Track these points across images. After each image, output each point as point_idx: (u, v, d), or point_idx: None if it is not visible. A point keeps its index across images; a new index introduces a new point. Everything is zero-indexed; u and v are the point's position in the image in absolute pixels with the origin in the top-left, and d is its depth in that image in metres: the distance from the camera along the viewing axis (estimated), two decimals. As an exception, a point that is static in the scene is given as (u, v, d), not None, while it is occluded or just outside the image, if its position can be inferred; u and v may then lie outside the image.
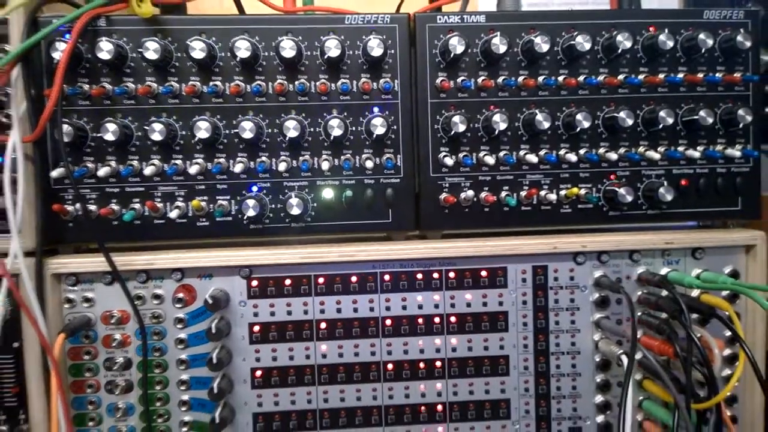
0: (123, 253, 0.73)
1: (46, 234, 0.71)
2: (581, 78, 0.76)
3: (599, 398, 0.79)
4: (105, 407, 0.75)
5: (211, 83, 0.73)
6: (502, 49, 0.73)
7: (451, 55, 0.73)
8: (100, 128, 0.71)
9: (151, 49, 0.70)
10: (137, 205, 0.73)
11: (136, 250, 0.74)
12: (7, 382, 0.74)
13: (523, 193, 0.77)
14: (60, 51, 0.68)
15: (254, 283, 0.75)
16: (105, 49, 0.69)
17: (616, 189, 0.76)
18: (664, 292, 0.74)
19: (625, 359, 0.71)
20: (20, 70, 0.69)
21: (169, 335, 0.75)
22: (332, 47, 0.71)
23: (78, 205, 0.71)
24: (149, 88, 0.71)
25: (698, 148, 0.78)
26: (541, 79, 0.76)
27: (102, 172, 0.71)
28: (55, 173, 0.70)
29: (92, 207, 0.72)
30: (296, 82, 0.73)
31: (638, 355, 0.75)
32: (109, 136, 0.70)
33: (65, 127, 0.70)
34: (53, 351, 0.66)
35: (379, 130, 0.72)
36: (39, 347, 0.72)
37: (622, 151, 0.78)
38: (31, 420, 0.73)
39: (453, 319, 0.77)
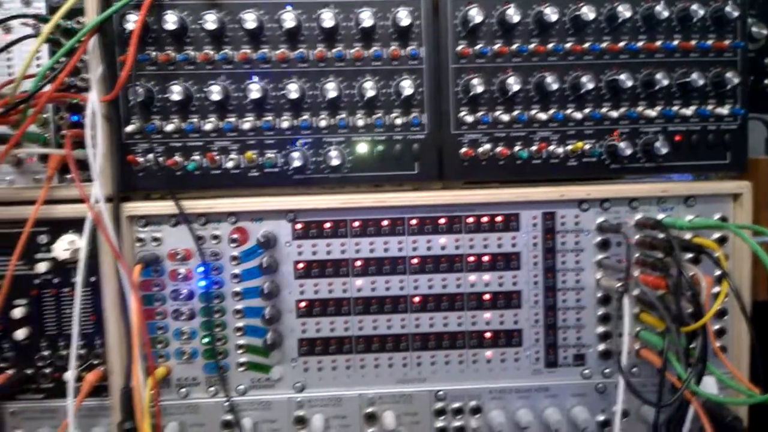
0: (185, 199, 0.84)
1: (120, 182, 0.82)
2: (586, 44, 0.86)
3: (600, 329, 0.89)
4: (172, 332, 0.86)
5: (260, 50, 0.83)
6: (516, 18, 0.83)
7: (471, 25, 0.83)
8: (166, 90, 0.82)
9: (210, 21, 0.80)
10: (197, 158, 0.84)
11: (195, 198, 0.85)
12: (85, 312, 0.86)
13: (534, 148, 0.87)
14: (131, 22, 0.79)
15: (298, 225, 0.86)
16: (170, 21, 0.80)
17: (617, 144, 0.86)
18: (660, 235, 0.84)
19: (623, 292, 0.81)
20: (96, 39, 0.80)
21: (226, 271, 0.86)
22: (366, 18, 0.81)
23: (150, 156, 0.82)
24: (208, 55, 0.82)
25: (691, 107, 0.88)
26: (550, 45, 0.86)
27: (169, 127, 0.82)
28: (129, 128, 0.82)
29: (159, 159, 0.83)
30: (334, 50, 0.84)
31: (635, 291, 0.85)
32: (175, 97, 0.81)
33: (137, 88, 0.81)
34: (133, 277, 0.78)
35: (408, 91, 0.82)
36: (114, 281, 0.84)
37: (622, 110, 0.87)
38: (106, 344, 0.85)
39: (471, 258, 0.88)
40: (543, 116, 0.85)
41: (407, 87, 0.83)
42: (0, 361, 0.86)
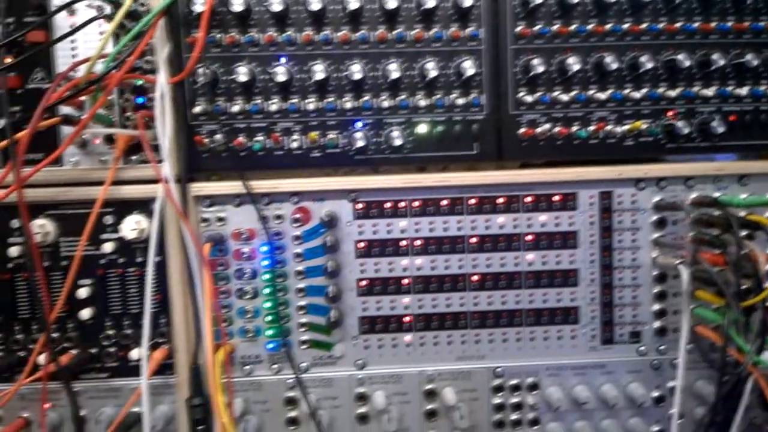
0: (248, 180, 0.85)
1: (187, 163, 0.83)
2: (644, 25, 0.87)
3: (656, 306, 0.91)
4: (235, 311, 0.88)
5: (323, 32, 0.84)
6: (575, -1, 0.84)
7: (530, 5, 0.84)
8: (231, 72, 0.83)
9: (275, 2, 0.81)
10: (260, 138, 0.85)
11: (258, 178, 0.86)
12: (151, 291, 0.87)
13: (591, 128, 0.88)
14: (199, 4, 0.80)
15: (359, 205, 0.87)
16: (236, 3, 0.81)
17: (674, 123, 0.87)
18: (717, 213, 0.85)
19: (682, 268, 0.82)
20: (164, 22, 0.81)
21: (288, 250, 0.87)
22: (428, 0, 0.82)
23: (218, 137, 0.83)
24: (272, 37, 0.83)
25: (745, 87, 0.88)
26: (608, 26, 0.86)
27: (234, 108, 0.83)
28: (197, 109, 0.83)
29: (225, 140, 0.84)
30: (395, 31, 0.85)
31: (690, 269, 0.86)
32: (242, 78, 0.82)
33: (203, 70, 0.82)
34: (204, 254, 0.79)
35: (470, 72, 0.83)
36: (180, 261, 0.85)
37: (679, 89, 0.88)
38: (172, 323, 0.87)
39: (530, 237, 0.89)
40: (602, 96, 0.86)
41: (469, 68, 0.84)
42: (65, 341, 0.87)
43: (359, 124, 0.86)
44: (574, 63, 0.84)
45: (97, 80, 0.76)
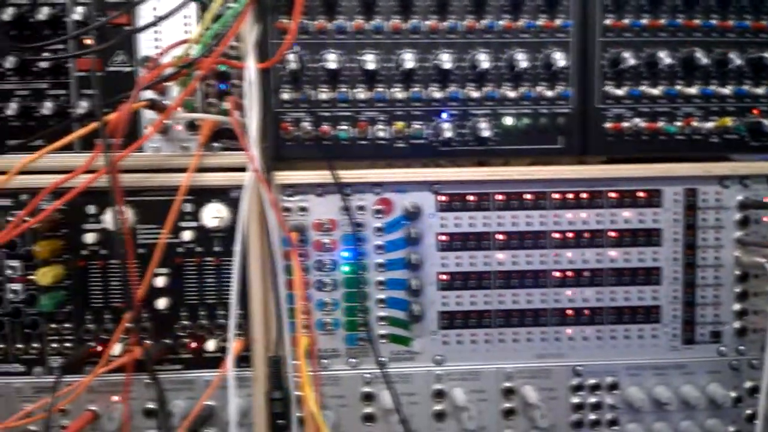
0: (330, 169, 0.84)
1: (273, 151, 0.82)
2: (731, 21, 0.85)
3: (737, 306, 0.89)
4: (314, 303, 0.86)
5: (410, 21, 0.83)
6: (667, -8, 0.82)
7: (621, -2, 0.83)
8: (316, 59, 0.81)
9: (365, -11, 0.80)
10: (344, 127, 0.84)
11: (340, 168, 0.84)
12: (228, 281, 0.86)
13: (678, 123, 0.86)
14: (288, -10, 0.79)
15: (442, 198, 0.86)
16: (326, -11, 0.79)
17: (760, 120, 0.86)
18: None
19: (769, 266, 0.81)
20: (253, 9, 0.80)
21: (369, 242, 0.86)
22: (518, -11, 0.81)
23: (305, 125, 0.82)
24: (360, 25, 0.82)
25: (832, 86, 0.87)
26: (697, 21, 0.85)
27: (322, 96, 0.81)
28: (285, 96, 0.81)
29: (312, 128, 0.83)
30: (483, 21, 0.83)
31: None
32: (331, 65, 0.80)
33: (292, 56, 0.80)
34: (294, 242, 0.77)
35: (560, 63, 0.82)
36: (260, 250, 0.83)
37: (765, 87, 0.87)
38: (250, 313, 0.85)
39: (613, 234, 0.88)
40: (692, 91, 0.85)
41: (560, 59, 0.82)
42: (139, 331, 0.85)
43: (445, 115, 0.84)
44: (665, 57, 0.83)
45: (191, 64, 0.74)
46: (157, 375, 0.76)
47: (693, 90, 0.85)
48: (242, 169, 0.83)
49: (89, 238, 0.83)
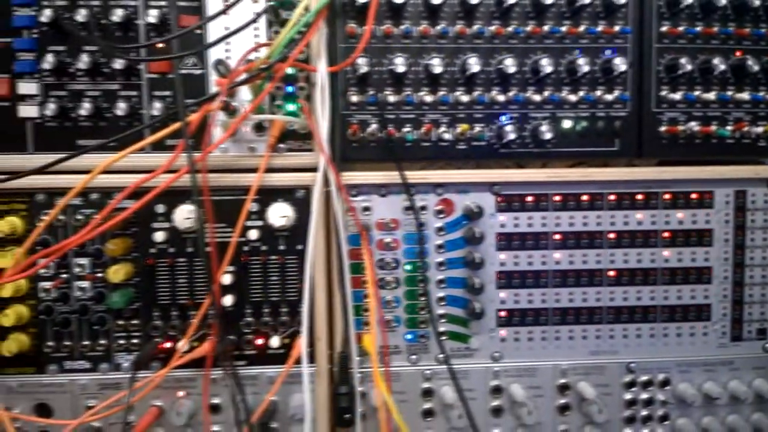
0: (394, 170, 0.86)
1: (340, 152, 0.84)
2: (780, 29, 0.88)
3: (785, 305, 0.92)
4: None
5: (474, 25, 0.85)
6: (723, 1, 0.85)
7: (679, 6, 0.85)
8: (387, 62, 0.83)
9: (433, -5, 0.82)
10: (407, 129, 0.86)
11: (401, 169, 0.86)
12: (292, 279, 0.88)
13: (729, 127, 0.89)
14: (361, -5, 0.81)
15: (502, 198, 0.88)
16: (397, -6, 0.81)
17: (808, 125, 0.89)
18: None
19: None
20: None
21: (430, 241, 0.88)
22: (579, -4, 0.83)
23: (374, 127, 0.84)
24: (428, 30, 0.84)
25: None
26: (747, 29, 0.88)
27: (391, 99, 0.83)
28: (355, 98, 0.83)
29: (380, 130, 0.85)
30: (545, 26, 0.86)
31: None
32: (400, 69, 0.82)
33: (361, 60, 0.82)
34: (365, 239, 0.79)
35: (621, 68, 0.84)
36: (323, 248, 0.85)
37: (813, 92, 0.90)
38: (314, 311, 0.87)
39: (666, 234, 0.90)
40: (743, 96, 0.87)
41: (620, 64, 0.85)
42: (205, 328, 0.87)
43: (505, 118, 0.87)
44: (719, 63, 0.85)
45: (269, 67, 0.76)
46: (236, 370, 0.78)
47: (744, 95, 0.88)
48: (308, 170, 0.85)
49: (158, 236, 0.85)
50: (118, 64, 0.82)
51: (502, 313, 0.89)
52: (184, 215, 0.83)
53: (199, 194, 0.76)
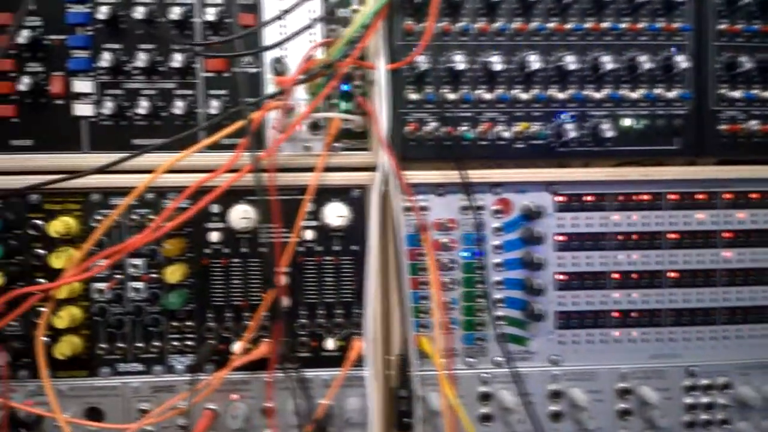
0: (450, 169, 0.84)
1: (400, 151, 0.82)
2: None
3: None
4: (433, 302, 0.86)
5: (533, 22, 0.84)
6: (782, -3, 0.84)
7: (737, 4, 0.84)
8: (446, 60, 0.82)
9: (492, -8, 0.81)
10: (464, 128, 0.85)
11: (457, 168, 0.85)
12: (347, 280, 0.86)
13: (790, 126, 0.87)
14: (424, -7, 0.80)
15: (560, 198, 0.87)
16: (456, -8, 0.80)
17: None
18: None
19: None
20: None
21: (488, 241, 0.86)
22: (639, -7, 0.82)
23: (434, 125, 0.83)
24: (487, 26, 0.83)
25: None
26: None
27: (452, 96, 0.82)
28: (414, 96, 0.82)
29: (438, 128, 0.83)
30: (604, 23, 0.84)
31: None
32: (459, 66, 0.81)
33: (421, 57, 0.81)
34: (428, 237, 0.78)
35: (682, 65, 0.83)
36: (379, 250, 0.83)
37: None
38: (368, 313, 0.85)
39: (727, 234, 0.88)
40: (806, 94, 0.86)
41: (681, 61, 0.83)
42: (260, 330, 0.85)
43: (564, 116, 0.85)
44: (781, 60, 0.84)
45: (330, 65, 0.75)
46: (301, 373, 0.76)
47: (806, 93, 0.86)
48: (363, 169, 0.84)
49: (213, 236, 0.83)
50: (176, 62, 0.80)
51: (561, 316, 0.87)
52: (240, 215, 0.82)
53: (263, 194, 0.74)
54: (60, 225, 0.80)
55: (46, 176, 0.78)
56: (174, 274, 0.81)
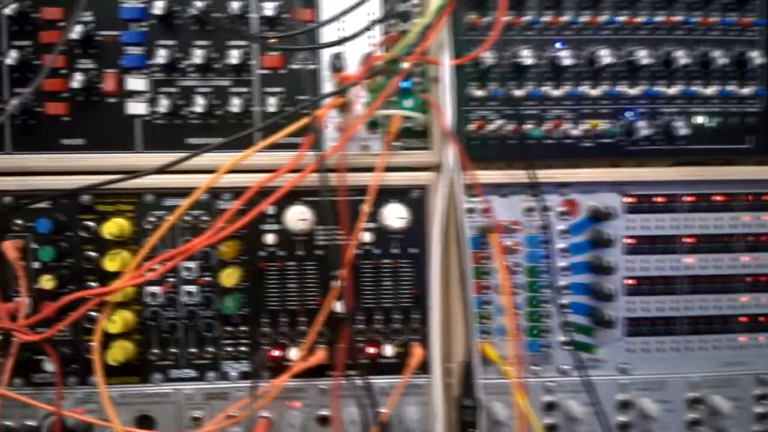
0: (513, 169, 0.81)
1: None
2: None
3: None
4: (496, 307, 0.83)
5: (603, 15, 0.80)
6: None
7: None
8: (512, 54, 0.79)
9: (560, -16, 0.77)
10: (530, 125, 0.81)
11: (518, 168, 0.81)
12: (405, 284, 0.83)
13: None
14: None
15: (630, 199, 0.83)
16: (521, -17, 0.77)
17: None
18: None
19: None
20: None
21: (553, 244, 0.83)
22: (713, -16, 0.78)
23: (500, 122, 0.79)
24: (554, 20, 0.79)
25: None
26: None
27: (519, 92, 0.79)
28: (479, 93, 0.79)
29: (504, 126, 0.80)
30: (676, 17, 0.81)
31: None
32: (527, 61, 0.78)
33: (489, 53, 0.78)
34: (496, 239, 0.74)
35: (757, 61, 0.79)
36: (440, 252, 0.80)
37: None
38: (428, 319, 0.82)
39: (814, 238, 0.84)
40: None
41: (756, 57, 0.79)
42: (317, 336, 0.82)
43: (629, 113, 0.81)
44: None
45: (395, 61, 0.72)
46: (369, 381, 0.73)
47: None
48: (423, 169, 0.81)
49: (268, 238, 0.81)
50: (233, 58, 0.78)
51: (631, 322, 0.83)
52: (297, 216, 0.79)
53: (328, 195, 0.71)
54: (114, 227, 0.77)
55: (97, 177, 0.75)
56: (230, 277, 0.78)
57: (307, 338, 0.78)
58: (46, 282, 0.77)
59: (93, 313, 0.77)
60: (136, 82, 0.79)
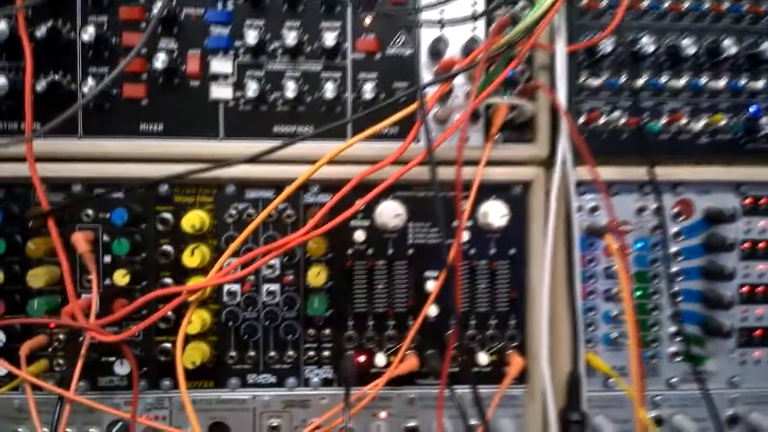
0: (618, 165, 0.75)
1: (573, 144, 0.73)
2: None
3: None
4: (601, 314, 0.77)
5: (727, 1, 0.74)
6: None
7: None
8: (631, 41, 0.73)
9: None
10: (646, 118, 0.75)
11: (628, 164, 0.75)
12: (503, 288, 0.77)
13: None
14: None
15: (747, 200, 0.76)
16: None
17: None
18: None
19: None
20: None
21: (666, 247, 0.76)
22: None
23: (616, 114, 0.73)
24: (677, 5, 0.73)
25: None
26: None
27: (639, 83, 0.73)
28: (595, 82, 0.72)
29: (619, 118, 0.74)
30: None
31: None
32: (647, 49, 0.72)
33: (610, 39, 0.72)
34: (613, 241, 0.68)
35: None
36: (542, 254, 0.74)
37: None
38: (529, 325, 0.76)
39: None
40: None
41: None
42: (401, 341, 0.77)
43: (750, 109, 0.75)
44: None
45: (511, 46, 0.65)
46: (477, 390, 0.67)
47: None
48: (526, 163, 0.75)
49: (358, 236, 0.75)
50: (327, 41, 0.71)
51: (744, 333, 0.77)
52: (391, 213, 0.73)
53: (437, 189, 0.65)
54: (196, 219, 0.72)
55: (176, 165, 0.69)
56: (319, 276, 0.73)
57: (402, 343, 0.72)
58: (121, 277, 0.72)
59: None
60: (221, 65, 0.73)
